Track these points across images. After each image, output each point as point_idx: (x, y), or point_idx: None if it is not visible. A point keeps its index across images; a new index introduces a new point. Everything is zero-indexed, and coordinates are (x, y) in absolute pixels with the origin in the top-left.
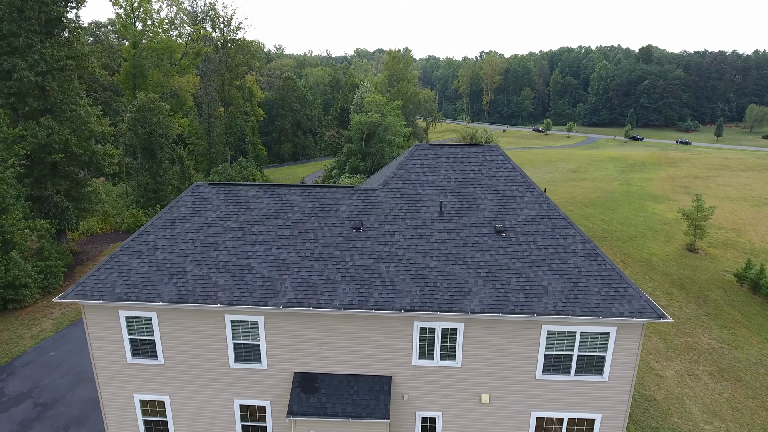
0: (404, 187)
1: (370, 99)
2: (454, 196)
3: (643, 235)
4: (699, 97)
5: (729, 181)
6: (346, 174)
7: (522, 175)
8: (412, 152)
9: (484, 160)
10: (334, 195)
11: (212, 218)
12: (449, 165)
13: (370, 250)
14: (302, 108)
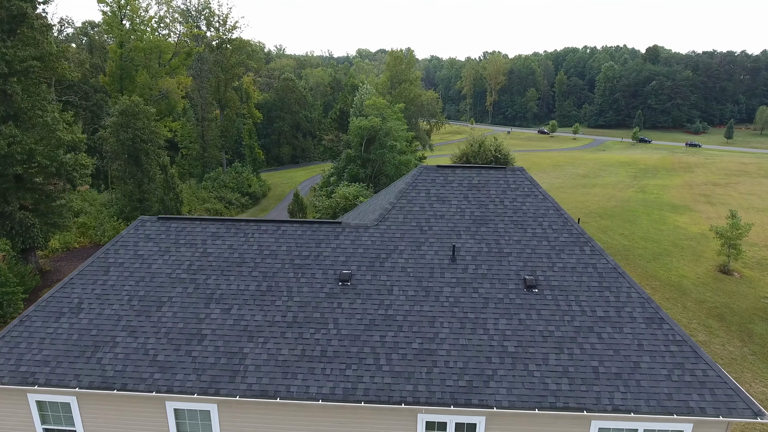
0: (405, 224)
1: (370, 102)
2: (469, 236)
3: (668, 252)
4: (708, 98)
5: (751, 189)
6: (344, 182)
7: (556, 208)
8: (416, 177)
9: (507, 188)
10: (316, 234)
11: (158, 265)
12: (463, 194)
13: (361, 312)
14: (302, 110)
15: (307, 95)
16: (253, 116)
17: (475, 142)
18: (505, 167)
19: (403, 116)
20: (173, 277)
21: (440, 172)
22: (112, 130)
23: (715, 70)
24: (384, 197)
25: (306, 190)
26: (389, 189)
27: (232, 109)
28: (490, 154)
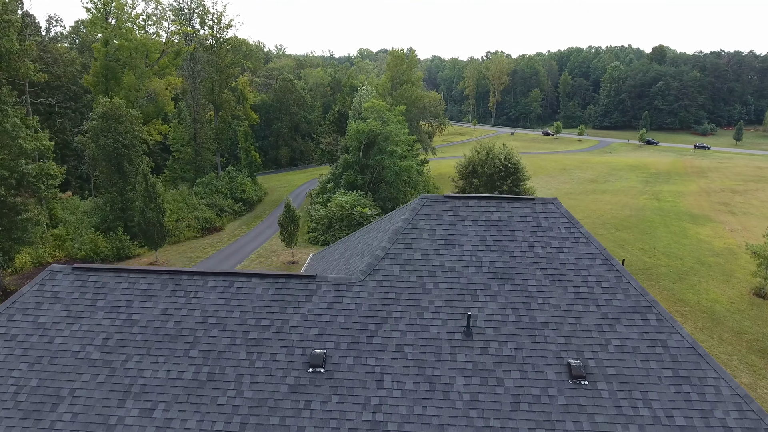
0: (402, 279)
1: (369, 104)
2: (490, 297)
3: (694, 271)
4: (715, 99)
5: None
6: (341, 190)
7: (604, 256)
8: (416, 211)
9: (538, 227)
10: (281, 292)
11: (63, 339)
12: (479, 235)
13: (338, 417)
14: (301, 111)
15: (306, 96)
16: (250, 118)
17: (482, 149)
18: (534, 198)
19: (404, 119)
20: (81, 357)
21: (449, 204)
22: (91, 135)
23: (723, 70)
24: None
25: (304, 194)
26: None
27: (227, 111)
28: (498, 162)
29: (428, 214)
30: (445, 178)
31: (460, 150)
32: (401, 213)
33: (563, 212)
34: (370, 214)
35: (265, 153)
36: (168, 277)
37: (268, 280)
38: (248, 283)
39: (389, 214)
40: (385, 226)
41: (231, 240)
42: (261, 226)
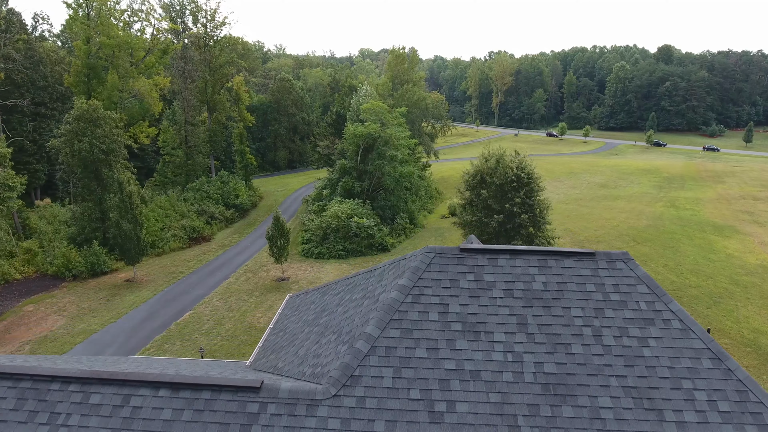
0: (396, 394)
1: (367, 106)
2: (539, 430)
3: (729, 293)
4: (723, 99)
5: None
6: (338, 198)
7: (714, 353)
8: (420, 272)
9: (605, 301)
10: (202, 418)
11: None
12: (515, 315)
13: None
14: (299, 112)
15: (305, 96)
16: (245, 119)
17: (491, 157)
18: (594, 253)
19: (405, 121)
20: None
21: (468, 262)
22: (65, 139)
23: (731, 70)
24: (361, 301)
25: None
26: (373, 277)
27: (221, 113)
28: (510, 172)
29: (437, 278)
30: (448, 182)
31: (462, 152)
32: (397, 270)
33: (640, 275)
34: (367, 225)
35: (263, 155)
36: (30, 386)
37: (185, 394)
38: (152, 400)
39: (383, 266)
40: (375, 290)
41: (220, 251)
42: (253, 235)
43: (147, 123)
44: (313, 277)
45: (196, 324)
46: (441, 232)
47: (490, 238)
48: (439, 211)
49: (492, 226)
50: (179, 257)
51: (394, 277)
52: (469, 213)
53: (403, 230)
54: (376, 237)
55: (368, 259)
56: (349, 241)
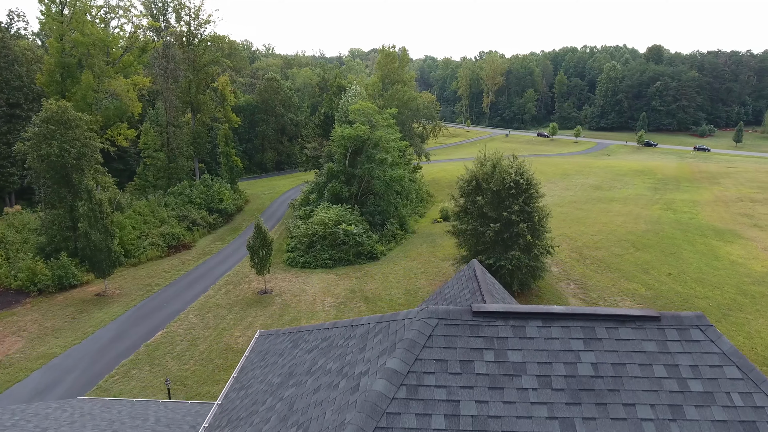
0: None
1: (356, 107)
2: None
3: (738, 305)
4: (713, 99)
5: None
6: (325, 203)
7: None
8: (418, 349)
9: (683, 396)
10: None
11: None
12: (557, 417)
13: None
14: (287, 112)
15: (293, 97)
16: (230, 120)
17: (486, 161)
18: (658, 317)
19: (395, 122)
20: None
21: (484, 332)
22: (33, 143)
23: (721, 70)
24: (335, 380)
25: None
26: (354, 344)
27: (205, 113)
28: (508, 178)
29: (442, 359)
30: (439, 184)
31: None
32: (385, 338)
33: (725, 350)
34: (356, 232)
35: (250, 157)
36: None
37: None
38: None
39: (366, 324)
40: (355, 363)
41: (201, 259)
42: (237, 242)
43: (126, 124)
44: (297, 290)
45: (169, 345)
46: (433, 238)
47: (487, 248)
48: (431, 215)
49: (488, 235)
50: (156, 267)
51: (381, 350)
52: (464, 221)
53: (393, 236)
54: (365, 245)
55: (356, 269)
56: (337, 249)
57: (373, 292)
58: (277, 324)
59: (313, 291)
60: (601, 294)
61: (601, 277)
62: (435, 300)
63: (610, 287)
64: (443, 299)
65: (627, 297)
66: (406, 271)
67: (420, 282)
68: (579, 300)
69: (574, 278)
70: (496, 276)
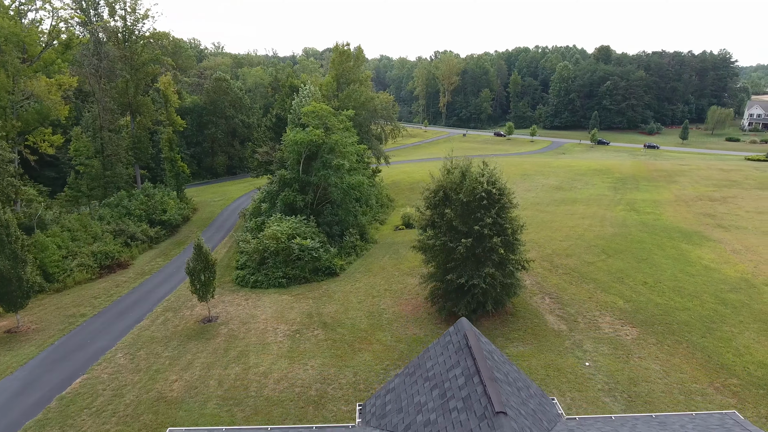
0: None
1: (309, 109)
2: None
3: (719, 316)
4: (660, 98)
5: (756, 205)
6: (278, 214)
7: None
8: None
9: None
10: None
11: None
12: None
13: None
14: (238, 114)
15: (244, 97)
16: (175, 123)
17: (454, 168)
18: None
19: (352, 125)
20: None
21: None
22: None
23: (666, 70)
24: None
25: (240, 210)
26: None
27: (146, 116)
28: (479, 188)
29: None
30: (399, 187)
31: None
32: None
33: None
34: (312, 247)
35: (199, 162)
36: None
37: None
38: None
39: None
40: None
41: (138, 281)
42: (181, 258)
43: (50, 129)
44: (246, 315)
45: (88, 397)
46: (396, 248)
47: (457, 265)
48: (392, 221)
49: (459, 251)
50: (85, 292)
51: None
52: (431, 236)
53: (353, 248)
54: (323, 260)
55: (313, 287)
56: (292, 266)
57: (333, 316)
58: (221, 361)
59: (265, 317)
60: (579, 309)
61: (576, 289)
62: (412, 376)
63: (586, 300)
64: (423, 378)
65: (606, 311)
66: (369, 289)
67: (384, 302)
68: (557, 317)
69: (549, 291)
70: (468, 296)
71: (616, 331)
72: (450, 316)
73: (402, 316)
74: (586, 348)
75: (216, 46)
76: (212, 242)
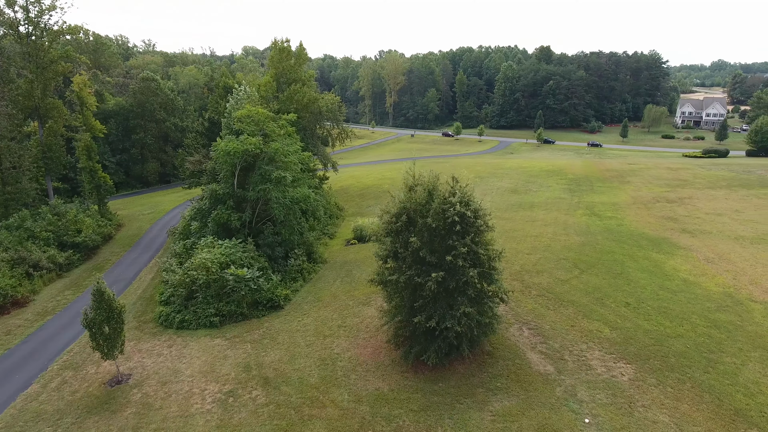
0: None
1: (243, 113)
2: None
3: (716, 343)
4: (600, 97)
5: (715, 207)
6: (209, 237)
7: None
8: None
9: None
10: None
11: None
12: None
13: None
14: (170, 116)
15: (177, 99)
16: (93, 129)
17: (416, 184)
18: None
19: (294, 130)
20: None
21: None
22: None
23: (604, 69)
24: None
25: (169, 228)
26: None
27: (58, 121)
28: (451, 210)
29: None
30: (348, 193)
31: (360, 156)
32: None
33: None
34: (250, 277)
35: (127, 170)
36: None
37: None
38: None
39: None
40: None
41: (37, 323)
42: None
43: None
44: (167, 372)
45: None
46: (348, 268)
47: (426, 304)
48: (343, 234)
49: (429, 288)
50: None
51: None
52: (394, 269)
53: (299, 272)
54: (264, 291)
55: (253, 326)
56: (226, 300)
57: (276, 368)
58: None
59: (191, 372)
60: (564, 343)
61: (555, 316)
62: None
63: (569, 330)
64: None
65: (593, 343)
66: (319, 325)
67: (338, 343)
68: (540, 355)
69: (526, 319)
70: (439, 339)
71: (609, 370)
72: (419, 363)
73: (360, 362)
74: (581, 397)
75: (147, 44)
76: (136, 266)
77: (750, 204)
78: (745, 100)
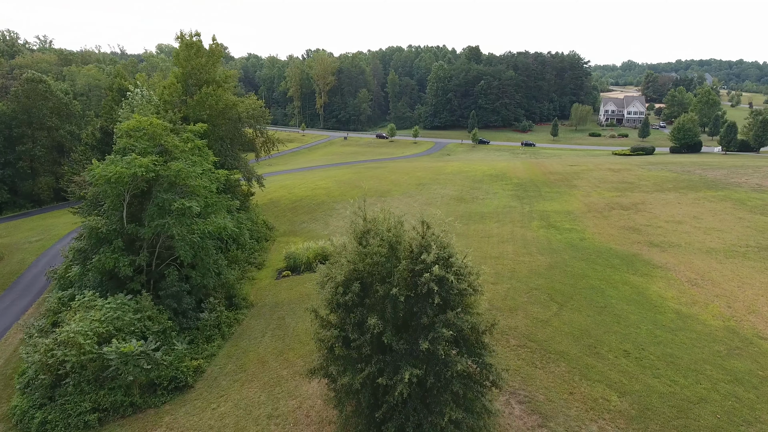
0: None
1: (132, 125)
2: None
3: (748, 407)
4: (529, 96)
5: (671, 213)
6: (88, 290)
7: None
8: None
9: None
10: None
11: None
12: None
13: None
14: (64, 123)
15: (71, 103)
16: None
17: (375, 232)
18: None
19: (205, 144)
20: None
21: None
22: None
23: (532, 69)
24: None
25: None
26: None
27: None
28: (425, 276)
29: None
30: (279, 207)
31: (290, 161)
32: None
33: None
34: (141, 352)
35: (12, 187)
36: None
37: None
38: None
39: None
40: None
41: None
42: None
43: None
44: None
45: None
46: (280, 315)
47: (395, 411)
48: (273, 262)
49: (398, 390)
50: None
51: None
52: (344, 363)
53: (217, 327)
54: (164, 367)
55: (149, 421)
56: (108, 387)
57: None
58: None
59: None
60: (570, 424)
61: (546, 378)
62: None
63: (568, 399)
64: None
65: (605, 421)
66: (241, 419)
67: None
68: None
69: (512, 386)
70: None
71: None
72: None
73: None
74: None
75: (42, 40)
76: (6, 318)
77: (705, 209)
78: (659, 98)
